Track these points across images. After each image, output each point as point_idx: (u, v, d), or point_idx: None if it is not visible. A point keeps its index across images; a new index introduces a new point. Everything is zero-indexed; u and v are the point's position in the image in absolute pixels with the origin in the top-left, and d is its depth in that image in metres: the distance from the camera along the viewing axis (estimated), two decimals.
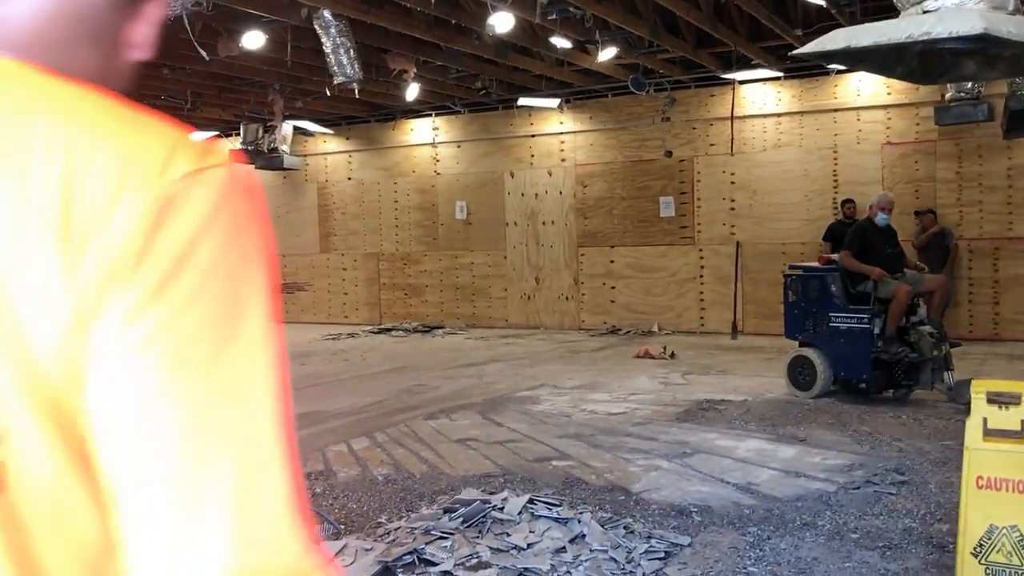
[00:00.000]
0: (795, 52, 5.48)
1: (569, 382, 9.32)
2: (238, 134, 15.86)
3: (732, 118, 12.85)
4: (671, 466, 5.86)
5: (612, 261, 13.98)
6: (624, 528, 4.53)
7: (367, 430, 7.23)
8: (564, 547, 4.25)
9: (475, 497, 4.88)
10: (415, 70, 11.34)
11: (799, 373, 8.05)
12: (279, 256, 16.66)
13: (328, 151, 16.64)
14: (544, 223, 14.51)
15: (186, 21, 5.77)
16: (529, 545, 4.26)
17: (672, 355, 10.84)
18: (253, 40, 9.51)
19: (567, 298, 14.38)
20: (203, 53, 7.50)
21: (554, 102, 13.94)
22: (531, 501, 4.82)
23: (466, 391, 9.02)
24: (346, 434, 7.11)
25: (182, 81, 12.49)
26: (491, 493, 5.17)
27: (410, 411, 8.01)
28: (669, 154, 13.32)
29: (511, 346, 12.61)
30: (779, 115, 12.65)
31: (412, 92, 12.43)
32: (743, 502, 5.08)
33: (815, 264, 8.62)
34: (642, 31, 10.25)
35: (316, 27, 8.96)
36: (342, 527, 4.71)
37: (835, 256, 8.36)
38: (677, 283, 13.47)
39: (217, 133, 17.08)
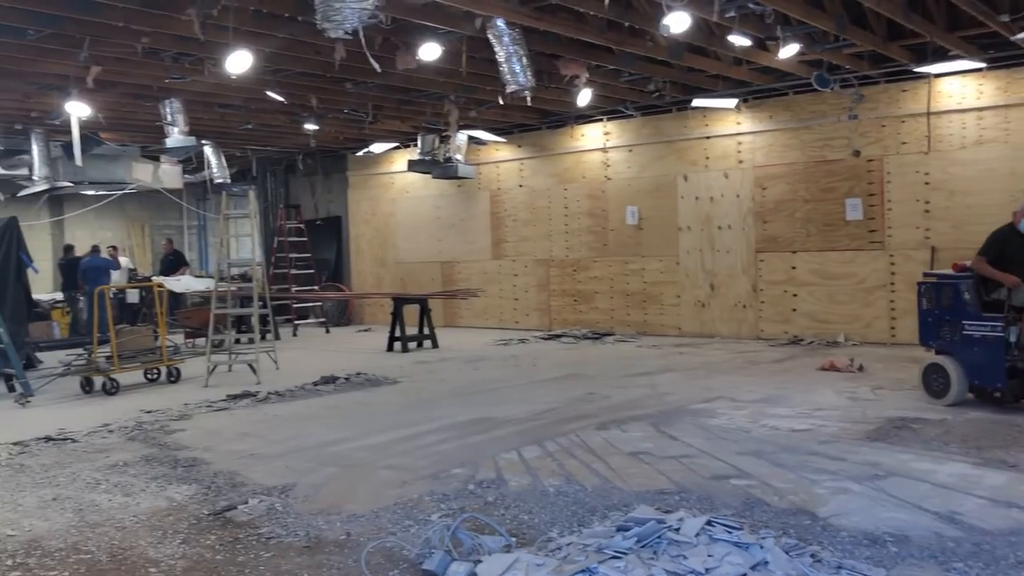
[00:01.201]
0: (1020, 36, 4.94)
1: (748, 395, 8.91)
2: (415, 145, 16.33)
3: (928, 114, 11.96)
4: (862, 489, 5.44)
5: (794, 267, 13.33)
6: (811, 556, 4.21)
7: (538, 438, 7.17)
8: (745, 574, 4.00)
9: (650, 515, 4.68)
10: (587, 75, 11.24)
11: (933, 381, 8.00)
12: (453, 263, 17.05)
13: (500, 159, 16.83)
14: (720, 227, 14.04)
15: (362, 37, 5.89)
16: (707, 570, 4.03)
17: (860, 368, 10.18)
18: (429, 52, 9.69)
19: (744, 306, 13.84)
20: (376, 66, 7.67)
21: (731, 102, 13.47)
22: (709, 523, 4.57)
23: (638, 401, 8.81)
24: (517, 442, 7.07)
25: (364, 95, 12.96)
26: (666, 512, 4.96)
27: (581, 420, 7.89)
28: (857, 153, 12.55)
29: (685, 355, 12.26)
30: (981, 109, 11.65)
31: (584, 97, 12.33)
32: (945, 533, 4.63)
33: (950, 271, 8.26)
34: (827, 25, 9.69)
35: (490, 37, 9.02)
36: (513, 540, 4.64)
37: (968, 263, 8.01)
38: (865, 291, 12.67)
39: (396, 144, 17.65)
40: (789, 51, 10.27)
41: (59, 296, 17.92)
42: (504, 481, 5.91)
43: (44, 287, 19.07)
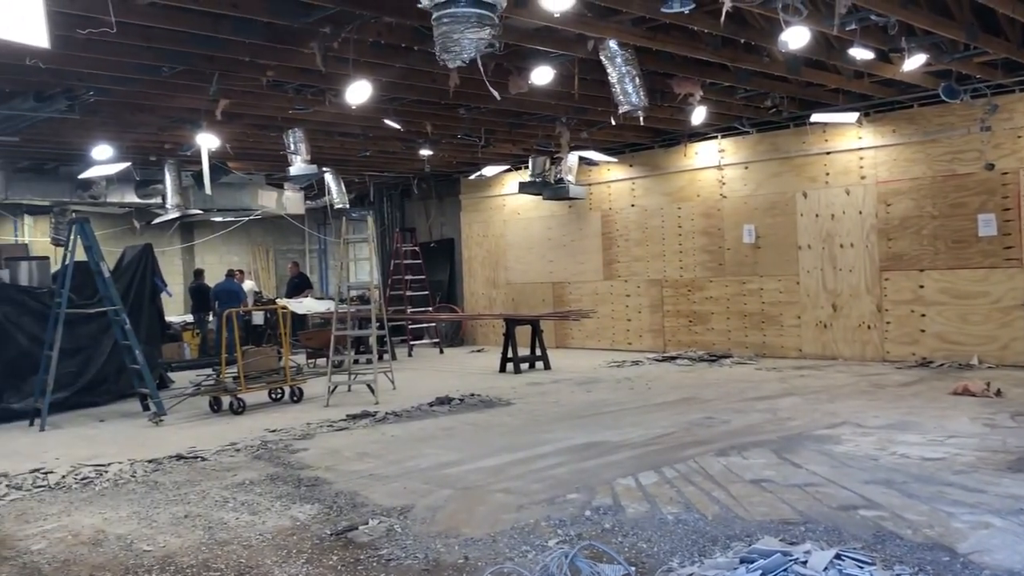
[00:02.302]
0: None
1: (874, 420, 8.54)
2: (526, 167, 16.45)
3: None
4: (1005, 524, 5.11)
5: (921, 286, 12.74)
6: None
7: (655, 464, 7.04)
8: None
9: (774, 547, 4.53)
10: (701, 93, 11.08)
11: None
12: (565, 283, 17.03)
13: (612, 179, 16.76)
14: (842, 245, 13.56)
15: (480, 64, 5.98)
16: None
17: (998, 392, 9.62)
18: (542, 76, 9.75)
19: (869, 327, 13.30)
20: (495, 93, 7.77)
21: (852, 116, 13.03)
22: (838, 556, 4.39)
23: (758, 427, 8.56)
24: (633, 467, 6.97)
25: (477, 120, 13.15)
26: (791, 543, 4.79)
27: (699, 446, 7.72)
28: (991, 167, 11.93)
29: (806, 378, 11.86)
30: None
31: (698, 115, 12.17)
32: None
33: None
34: (956, 34, 9.28)
35: (602, 58, 9.01)
36: (632, 569, 4.55)
37: None
38: (1001, 311, 11.99)
39: (507, 167, 17.83)
40: (914, 62, 9.88)
41: (189, 318, 18.78)
42: (621, 507, 5.83)
43: (176, 310, 20.04)
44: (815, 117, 13.22)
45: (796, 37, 8.39)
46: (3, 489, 7.15)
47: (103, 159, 13.59)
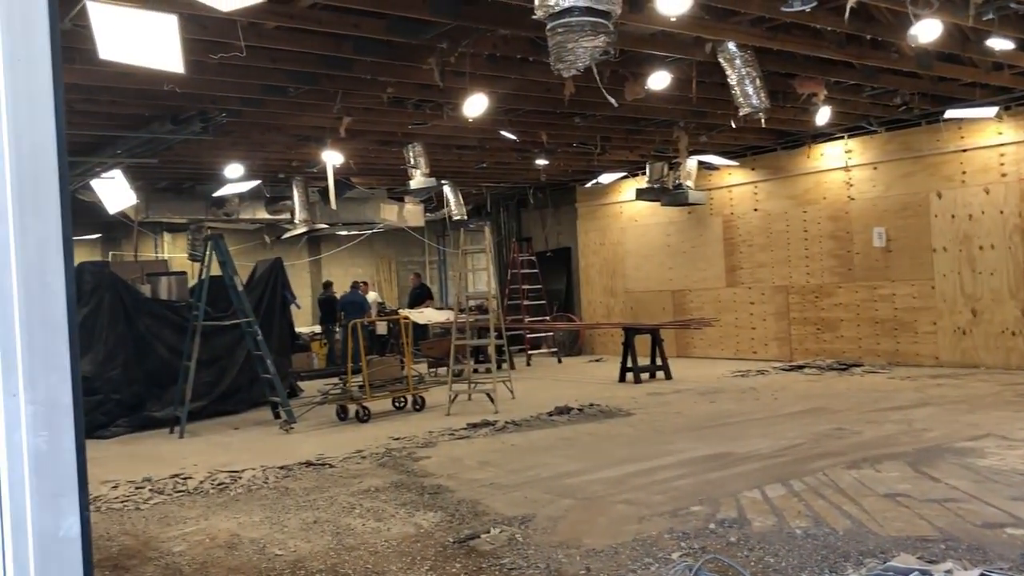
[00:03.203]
0: None
1: (1022, 433, 8.02)
2: (643, 173, 16.29)
3: None
4: None
5: None
6: None
7: (781, 476, 6.83)
8: None
9: (912, 565, 4.31)
10: (826, 92, 10.72)
11: None
12: (685, 291, 16.77)
13: (733, 183, 16.40)
14: (981, 248, 12.84)
15: (595, 72, 5.95)
16: None
17: None
18: (658, 80, 9.64)
19: (1013, 333, 12.53)
20: (612, 101, 7.72)
21: (991, 111, 12.33)
22: None
23: (892, 438, 8.18)
24: (759, 480, 6.77)
25: (592, 127, 13.12)
26: (930, 561, 4.55)
27: (828, 458, 7.43)
28: None
29: (943, 388, 11.27)
30: None
31: (823, 116, 11.78)
32: None
33: None
34: None
35: (721, 60, 8.84)
36: None
37: None
38: None
39: (624, 174, 17.71)
40: None
41: (318, 329, 19.43)
42: (747, 521, 5.67)
43: (304, 321, 20.76)
44: (949, 113, 12.57)
45: (927, 30, 8.01)
46: (147, 493, 7.55)
47: (235, 178, 14.27)
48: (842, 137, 14.55)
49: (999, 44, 9.03)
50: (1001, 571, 4.29)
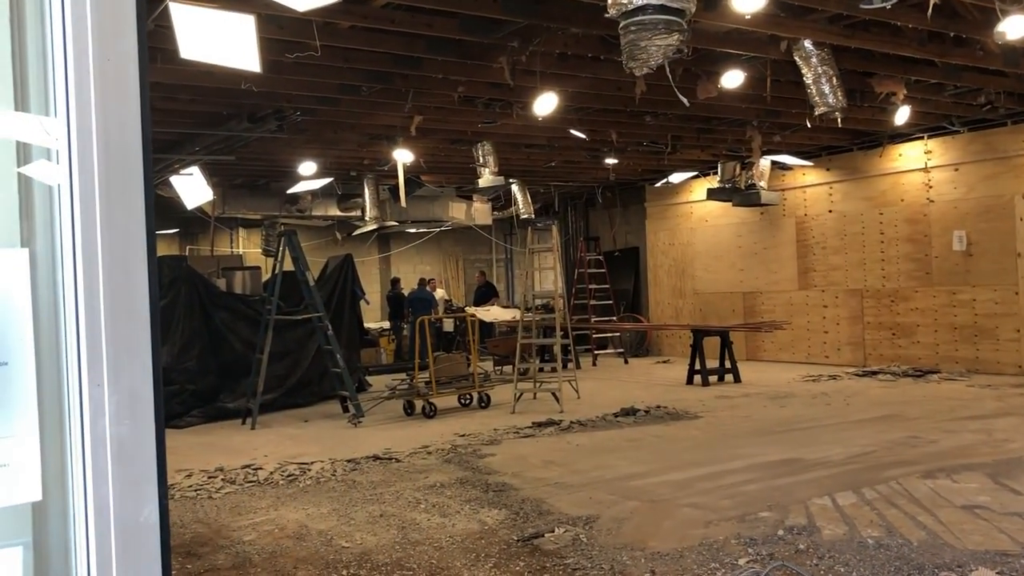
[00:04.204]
0: None
1: None
2: (715, 173, 16.08)
3: None
4: None
5: None
6: None
7: (853, 484, 6.67)
8: None
9: None
10: (905, 91, 10.43)
11: None
12: (756, 293, 16.50)
13: (807, 184, 16.07)
14: None
15: (668, 70, 5.90)
16: None
17: None
18: (732, 79, 9.50)
19: None
20: (684, 100, 7.63)
21: None
22: None
23: (971, 448, 7.92)
24: (830, 487, 6.63)
25: (663, 126, 12.99)
26: None
27: (902, 467, 7.24)
28: None
29: None
30: None
31: (902, 115, 11.46)
32: None
33: None
34: None
35: (796, 59, 8.67)
36: None
37: None
38: None
39: (695, 174, 17.50)
40: None
41: (386, 325, 19.67)
42: (816, 529, 5.55)
43: (373, 317, 21.04)
44: None
45: (1016, 27, 7.73)
46: (219, 483, 7.74)
47: (308, 175, 14.52)
48: (921, 137, 14.14)
49: None
50: None
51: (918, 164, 14.29)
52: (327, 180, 15.27)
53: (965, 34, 8.81)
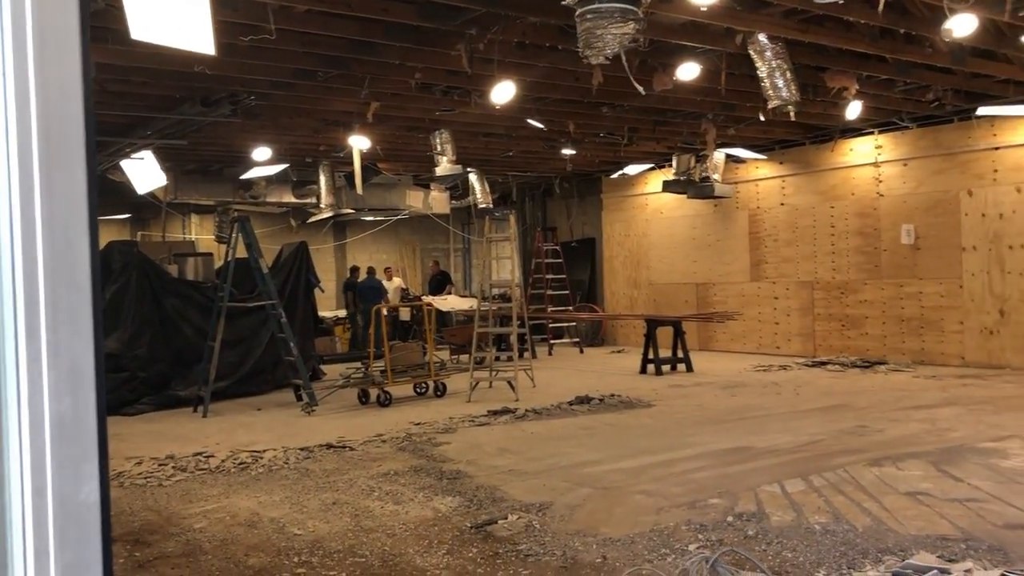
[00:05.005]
0: None
1: None
2: (670, 165, 16.21)
3: None
4: None
5: None
6: None
7: (802, 472, 6.79)
8: None
9: (931, 564, 4.28)
10: (857, 86, 10.59)
11: None
12: (709, 284, 16.68)
13: (760, 177, 16.28)
14: (1011, 247, 12.66)
15: (624, 60, 5.92)
16: None
17: None
18: (687, 72, 9.57)
19: None
20: (639, 88, 7.68)
21: None
22: None
23: (915, 437, 8.11)
24: (779, 474, 6.74)
25: (620, 118, 13.05)
26: (950, 560, 4.51)
27: (849, 455, 7.38)
28: None
29: (969, 388, 11.15)
30: None
31: (853, 110, 11.65)
32: None
33: None
34: None
35: (751, 52, 8.76)
36: None
37: None
38: None
39: (651, 166, 17.62)
40: None
41: (341, 313, 19.54)
42: (765, 515, 5.65)
43: (328, 305, 20.87)
44: (982, 110, 12.40)
45: (962, 25, 7.90)
46: (170, 470, 7.64)
47: (262, 161, 14.34)
48: (872, 132, 14.39)
49: None
50: (1021, 572, 4.24)
51: (868, 159, 14.54)
52: (282, 166, 15.10)
53: (915, 31, 8.98)
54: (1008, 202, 12.72)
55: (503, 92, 9.82)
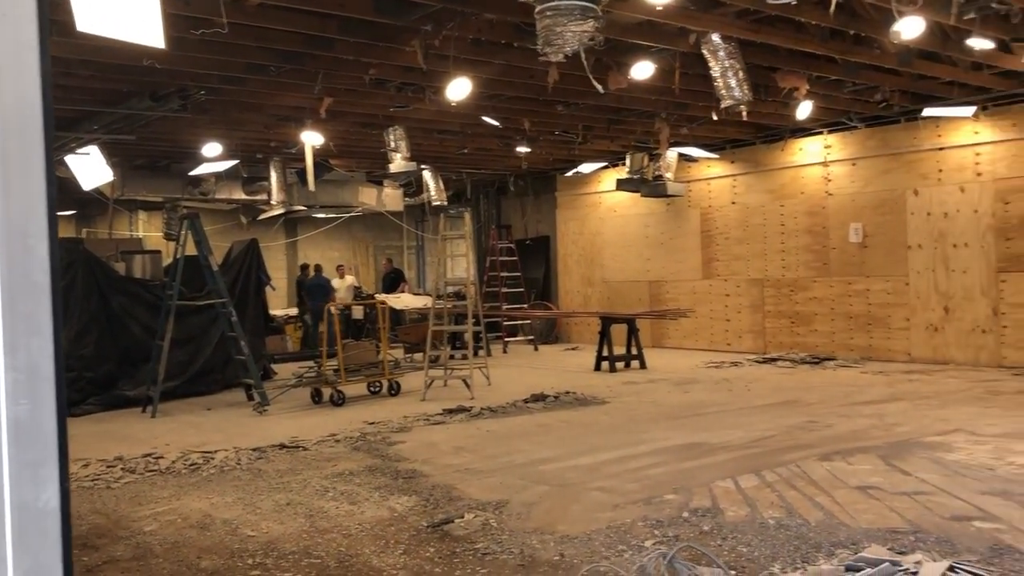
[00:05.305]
0: None
1: (990, 428, 8.14)
2: (624, 163, 16.31)
3: None
4: None
5: None
6: None
7: (755, 467, 6.88)
8: None
9: (883, 556, 4.36)
10: (807, 87, 10.76)
11: None
12: (662, 282, 16.82)
13: (712, 176, 16.45)
14: (955, 245, 12.98)
15: (583, 58, 5.94)
16: None
17: None
18: (642, 71, 9.63)
19: (984, 331, 12.69)
20: (599, 87, 7.71)
21: (968, 110, 12.45)
22: (952, 568, 4.19)
23: (864, 432, 8.26)
24: (733, 470, 6.82)
25: (575, 116, 13.09)
26: (900, 553, 4.60)
27: (801, 450, 7.50)
28: None
29: (915, 383, 11.40)
30: None
31: (804, 110, 11.83)
32: None
33: None
34: None
35: (704, 52, 8.85)
36: (732, 573, 4.45)
37: None
38: None
39: (605, 164, 17.71)
40: None
41: (293, 312, 19.33)
42: (720, 510, 5.70)
43: (279, 303, 20.64)
44: (928, 111, 12.68)
45: (910, 27, 8.07)
46: (118, 472, 7.48)
47: (212, 157, 14.11)
48: (821, 132, 14.63)
49: (979, 44, 9.12)
50: (969, 563, 4.34)
51: (818, 158, 14.79)
52: (232, 162, 14.87)
53: (864, 33, 9.14)
54: (952, 201, 13.02)
55: (458, 89, 9.78)
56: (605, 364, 13.91)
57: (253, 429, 9.55)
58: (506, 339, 18.13)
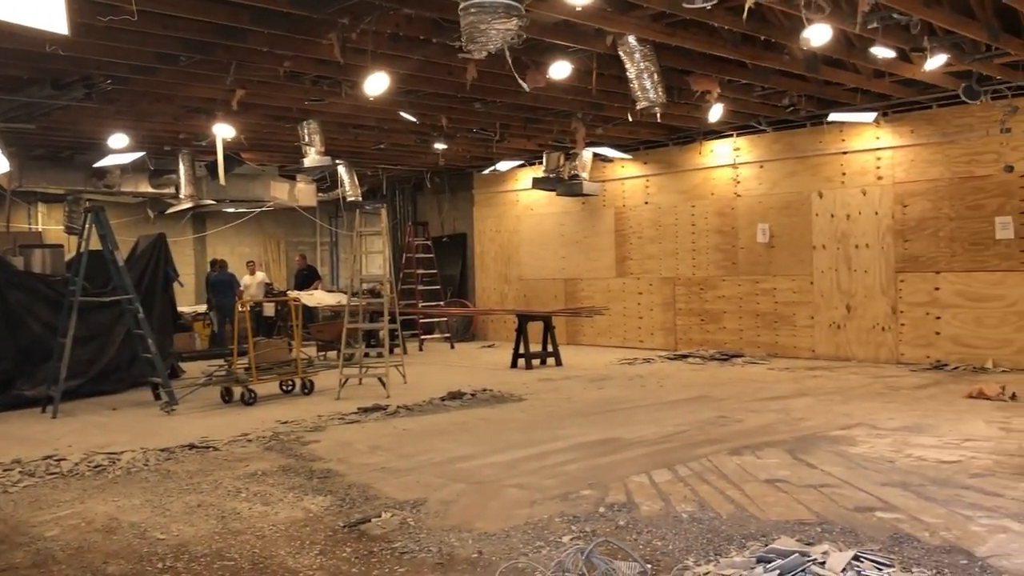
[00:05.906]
0: None
1: (889, 422, 8.49)
2: (540, 162, 16.40)
3: None
4: (1023, 528, 5.07)
5: (937, 288, 12.66)
6: None
7: (668, 462, 7.01)
8: None
9: (792, 548, 4.50)
10: (719, 90, 11.02)
11: None
12: (577, 280, 16.98)
13: (626, 176, 16.70)
14: (857, 246, 13.48)
15: (508, 56, 5.95)
16: None
17: (1013, 396, 9.55)
18: (559, 70, 9.70)
19: (883, 328, 13.23)
20: (524, 85, 7.72)
21: (870, 116, 12.95)
22: (856, 558, 4.35)
23: (772, 427, 8.51)
24: (646, 465, 6.94)
25: (492, 114, 13.11)
26: (808, 544, 4.76)
27: (712, 444, 7.68)
28: (1010, 169, 11.83)
29: (819, 379, 11.80)
30: None
31: (715, 113, 12.10)
32: None
33: None
34: (977, 34, 9.20)
35: (621, 53, 8.96)
36: (648, 566, 4.53)
37: None
38: (1017, 314, 11.90)
39: (521, 162, 17.78)
40: (935, 62, 9.79)
41: (201, 309, 18.83)
42: (635, 505, 5.80)
43: (187, 300, 20.07)
44: (832, 116, 13.14)
45: (818, 35, 8.33)
46: (16, 476, 7.16)
47: (118, 148, 13.61)
48: (731, 135, 15.00)
49: (881, 52, 9.47)
50: (873, 552, 4.52)
51: (728, 160, 15.15)
52: (139, 154, 14.37)
53: (774, 39, 9.40)
54: (855, 204, 13.52)
55: (375, 84, 9.67)
56: (521, 361, 13.97)
57: (161, 429, 9.27)
58: (422, 337, 18.04)
